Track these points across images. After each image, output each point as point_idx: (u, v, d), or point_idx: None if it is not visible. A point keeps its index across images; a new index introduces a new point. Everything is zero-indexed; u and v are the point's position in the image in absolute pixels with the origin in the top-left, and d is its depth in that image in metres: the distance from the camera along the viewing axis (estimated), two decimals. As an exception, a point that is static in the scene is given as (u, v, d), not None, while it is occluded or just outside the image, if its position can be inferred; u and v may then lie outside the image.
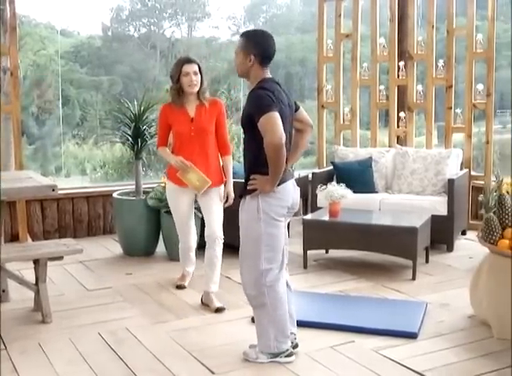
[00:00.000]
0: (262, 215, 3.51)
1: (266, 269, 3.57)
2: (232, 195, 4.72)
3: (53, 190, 4.63)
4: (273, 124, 3.34)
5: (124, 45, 11.06)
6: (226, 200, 4.72)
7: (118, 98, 8.06)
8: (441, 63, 7.06)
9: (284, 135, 3.37)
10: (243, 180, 3.64)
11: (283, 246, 3.66)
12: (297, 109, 3.68)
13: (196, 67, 4.60)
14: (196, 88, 4.61)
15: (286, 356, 3.67)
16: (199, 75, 4.61)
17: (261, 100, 3.41)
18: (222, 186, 4.73)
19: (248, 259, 3.62)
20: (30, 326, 4.28)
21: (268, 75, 3.59)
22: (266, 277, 3.57)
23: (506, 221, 4.13)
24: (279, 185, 3.51)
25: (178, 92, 4.63)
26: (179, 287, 5.02)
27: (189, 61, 4.61)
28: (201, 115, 4.65)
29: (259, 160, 3.47)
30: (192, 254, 5.05)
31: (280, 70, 12.24)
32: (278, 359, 3.66)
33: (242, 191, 3.62)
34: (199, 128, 4.63)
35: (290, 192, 3.63)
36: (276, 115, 3.37)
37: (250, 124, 3.45)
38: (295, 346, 3.79)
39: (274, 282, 3.59)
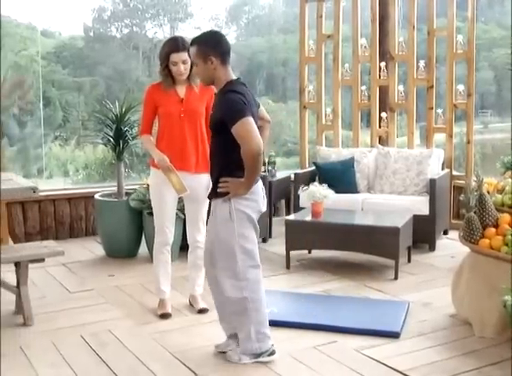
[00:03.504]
0: (235, 217, 3.51)
1: (244, 272, 3.56)
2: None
3: (34, 192, 4.60)
4: (249, 130, 3.35)
5: (106, 46, 11.01)
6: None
7: (100, 99, 8.01)
8: (422, 63, 7.10)
9: (262, 140, 3.39)
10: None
11: (257, 248, 3.65)
12: (258, 106, 3.68)
13: (184, 56, 4.26)
14: (186, 76, 4.36)
15: (268, 355, 3.67)
16: (188, 63, 4.28)
17: (234, 105, 3.39)
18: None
19: (226, 263, 3.60)
20: (12, 329, 4.25)
21: (233, 76, 3.57)
22: (244, 280, 3.57)
23: (487, 220, 4.16)
24: None
25: (167, 75, 4.38)
26: (164, 316, 4.48)
27: (177, 49, 4.29)
28: (191, 96, 4.42)
29: (231, 165, 3.49)
30: (168, 253, 4.60)
31: (263, 71, 12.25)
32: (260, 358, 3.66)
33: (212, 194, 3.61)
34: (189, 109, 4.39)
35: (260, 193, 3.65)
36: (251, 121, 3.37)
37: (221, 128, 3.44)
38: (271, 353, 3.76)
39: (254, 282, 3.59)
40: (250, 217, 3.57)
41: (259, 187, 3.63)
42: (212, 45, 3.50)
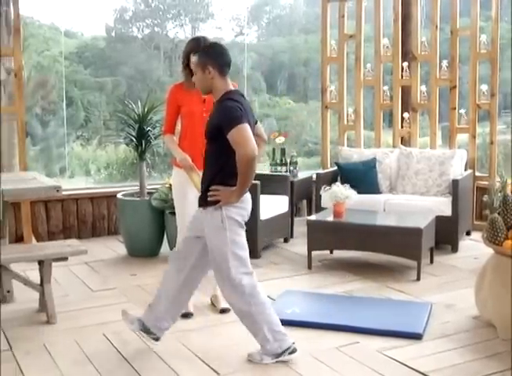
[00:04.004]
0: (227, 224, 3.54)
1: (238, 278, 3.59)
2: None
3: (57, 191, 4.65)
4: (245, 136, 3.39)
5: (127, 46, 11.07)
6: None
7: (122, 99, 8.05)
8: (445, 63, 7.06)
9: (256, 147, 3.42)
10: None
11: (248, 255, 3.68)
12: (256, 122, 3.72)
13: None
14: None
15: (289, 353, 3.68)
16: None
17: (230, 112, 3.43)
18: None
19: (220, 270, 3.65)
20: (35, 327, 4.29)
21: (232, 87, 3.63)
22: (240, 285, 3.59)
23: (511, 221, 4.12)
24: None
25: (189, 75, 4.36)
26: (186, 315, 4.45)
27: (197, 50, 4.18)
28: None
29: (225, 172, 3.53)
30: None
31: (284, 71, 12.24)
32: (282, 358, 3.66)
33: (202, 202, 3.62)
34: (211, 109, 4.21)
35: (249, 202, 3.69)
36: (247, 127, 3.41)
37: (218, 135, 3.47)
38: (157, 339, 3.87)
39: (251, 288, 3.61)
40: (241, 224, 3.63)
41: (248, 198, 3.67)
42: (212, 56, 3.56)
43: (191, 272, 3.79)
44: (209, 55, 3.56)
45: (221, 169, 3.54)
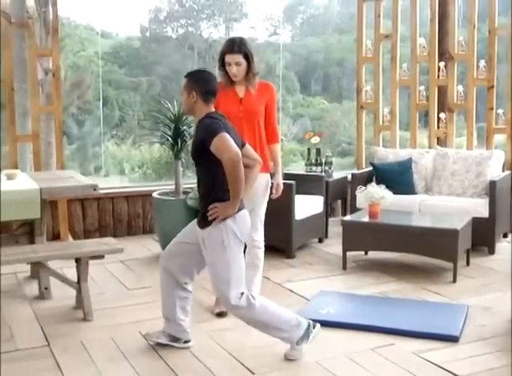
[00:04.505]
0: (227, 240, 3.58)
1: (236, 302, 3.61)
2: (281, 186, 4.57)
3: (94, 190, 4.72)
4: (227, 142, 3.45)
5: (162, 46, 11.13)
6: (271, 191, 4.53)
7: (157, 99, 8.10)
8: (482, 63, 6.97)
9: (240, 151, 3.46)
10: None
11: (244, 273, 3.72)
12: (243, 145, 3.75)
13: (238, 58, 4.25)
14: (240, 78, 4.33)
15: (314, 328, 3.74)
16: (243, 65, 4.28)
17: (210, 126, 3.53)
18: (268, 174, 4.51)
19: (219, 291, 3.71)
20: (72, 323, 4.35)
21: (213, 110, 3.71)
22: (240, 301, 3.62)
23: (551, 224, 4.07)
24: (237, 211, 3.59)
25: (224, 75, 4.38)
26: (220, 314, 4.50)
27: (231, 51, 4.25)
28: (250, 97, 4.40)
29: (215, 185, 3.58)
30: None
31: (318, 71, 12.21)
32: (311, 336, 3.72)
33: (203, 223, 3.64)
34: (248, 109, 4.36)
35: (246, 219, 3.70)
36: (227, 135, 3.48)
37: (202, 151, 3.53)
38: (188, 341, 3.93)
39: (248, 303, 3.63)
40: (241, 241, 3.65)
41: (245, 215, 3.68)
42: (198, 82, 3.67)
43: (182, 269, 3.87)
44: (196, 81, 3.67)
45: (214, 186, 3.59)
